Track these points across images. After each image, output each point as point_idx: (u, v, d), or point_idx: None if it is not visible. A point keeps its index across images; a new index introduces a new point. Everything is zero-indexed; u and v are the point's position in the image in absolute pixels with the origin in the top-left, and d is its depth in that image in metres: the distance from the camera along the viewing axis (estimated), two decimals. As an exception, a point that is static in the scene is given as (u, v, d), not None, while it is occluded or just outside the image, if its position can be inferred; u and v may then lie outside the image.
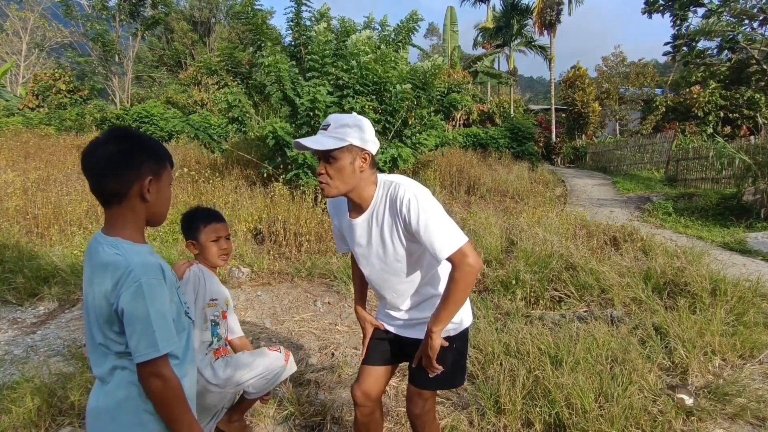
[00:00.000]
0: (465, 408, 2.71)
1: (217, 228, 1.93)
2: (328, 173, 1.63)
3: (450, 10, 25.60)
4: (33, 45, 24.06)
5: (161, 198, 1.31)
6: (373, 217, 1.72)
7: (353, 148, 1.62)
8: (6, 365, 3.29)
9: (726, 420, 2.62)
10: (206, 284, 1.89)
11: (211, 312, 1.90)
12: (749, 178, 9.15)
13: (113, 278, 1.18)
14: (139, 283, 1.17)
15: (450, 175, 10.90)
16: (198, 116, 8.64)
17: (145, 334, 1.17)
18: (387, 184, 1.70)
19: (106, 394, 1.24)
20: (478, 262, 1.57)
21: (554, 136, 22.40)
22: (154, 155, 1.29)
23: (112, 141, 1.25)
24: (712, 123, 19.78)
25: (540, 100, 43.03)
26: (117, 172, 1.23)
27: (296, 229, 5.90)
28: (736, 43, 16.93)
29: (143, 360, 1.17)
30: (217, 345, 1.97)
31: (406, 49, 8.90)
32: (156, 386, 1.19)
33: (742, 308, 3.76)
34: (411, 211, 1.59)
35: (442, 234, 1.56)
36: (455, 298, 1.58)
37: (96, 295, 1.20)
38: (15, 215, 6.37)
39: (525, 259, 4.74)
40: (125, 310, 1.16)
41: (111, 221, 1.27)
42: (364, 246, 1.78)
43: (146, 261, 1.22)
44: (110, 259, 1.20)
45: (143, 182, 1.25)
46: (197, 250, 1.92)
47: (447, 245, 1.55)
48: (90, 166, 1.24)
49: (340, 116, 1.67)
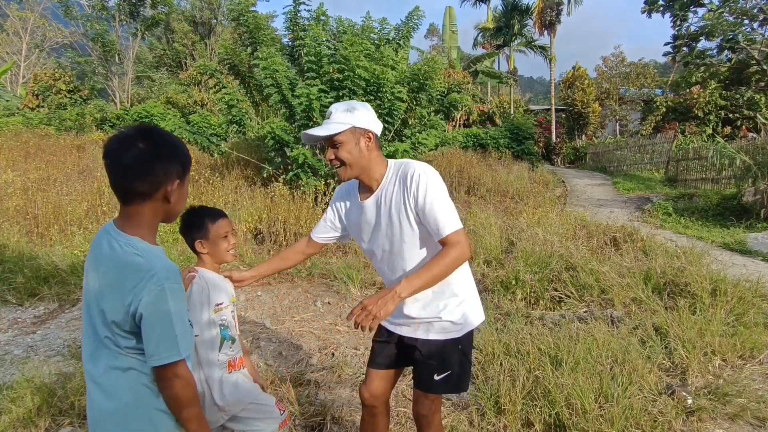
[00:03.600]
0: (465, 408, 2.71)
1: (225, 223, 1.93)
2: (338, 157, 1.71)
3: (449, 11, 25.63)
4: (33, 45, 24.06)
5: (181, 200, 1.31)
6: (382, 197, 1.76)
7: (356, 129, 1.70)
8: (6, 365, 3.29)
9: (726, 420, 2.62)
10: (209, 292, 1.85)
11: (218, 317, 1.86)
12: (749, 179, 9.15)
13: (133, 280, 1.16)
14: (162, 287, 1.16)
15: (450, 175, 10.89)
16: (198, 116, 8.61)
17: (166, 337, 1.16)
18: (398, 164, 1.77)
19: (107, 396, 1.21)
20: (469, 251, 1.66)
21: (554, 137, 22.40)
22: (183, 157, 1.28)
23: (142, 139, 1.20)
24: (712, 123, 19.79)
25: (540, 101, 43.01)
26: (147, 172, 1.20)
27: (296, 230, 5.90)
28: (736, 44, 16.93)
29: (164, 363, 1.16)
30: (230, 352, 1.89)
31: (407, 47, 8.88)
32: (178, 387, 1.19)
33: (742, 309, 3.76)
34: (420, 186, 1.66)
35: (447, 214, 1.64)
36: (435, 273, 1.62)
37: (106, 293, 1.18)
38: (15, 215, 6.37)
39: (525, 260, 4.73)
40: (146, 313, 1.15)
41: (129, 218, 1.24)
42: (372, 226, 1.81)
43: (167, 265, 1.21)
44: (130, 259, 1.18)
45: (171, 185, 1.23)
46: (206, 249, 1.90)
47: (449, 224, 1.63)
48: (117, 162, 1.19)
49: (340, 103, 1.76)
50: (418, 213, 1.68)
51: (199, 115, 8.94)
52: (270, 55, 7.09)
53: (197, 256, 1.94)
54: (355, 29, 8.23)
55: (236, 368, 1.91)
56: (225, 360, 1.87)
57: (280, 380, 2.90)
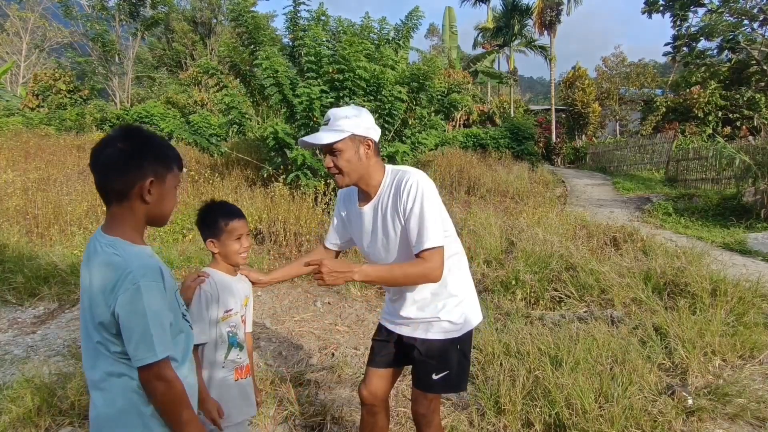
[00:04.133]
0: (465, 408, 2.71)
1: (239, 226, 1.82)
2: (336, 165, 1.69)
3: (448, 11, 25.65)
4: (33, 45, 24.06)
5: (164, 200, 1.28)
6: (379, 204, 1.75)
7: (355, 137, 1.67)
8: (6, 365, 3.29)
9: (726, 420, 2.62)
10: (219, 298, 1.78)
11: (226, 324, 1.79)
12: (749, 179, 9.15)
13: (112, 280, 1.15)
14: (137, 285, 1.14)
15: (450, 175, 10.89)
16: (198, 116, 8.61)
17: (143, 338, 1.14)
18: (395, 172, 1.75)
19: (106, 402, 1.21)
20: (438, 274, 1.63)
21: (554, 137, 22.39)
22: (160, 156, 1.27)
23: (120, 139, 1.23)
24: (712, 123, 19.78)
25: (540, 101, 43.02)
26: (120, 170, 1.21)
27: (296, 230, 5.90)
28: (736, 44, 16.93)
29: (143, 364, 1.15)
30: (238, 359, 1.82)
31: (407, 46, 8.88)
32: (160, 389, 1.17)
33: (742, 309, 3.76)
34: (410, 195, 1.64)
35: (429, 228, 1.61)
36: (395, 274, 1.63)
37: (94, 296, 1.18)
38: (15, 215, 6.37)
39: (525, 260, 4.73)
40: (123, 313, 1.14)
41: (110, 219, 1.25)
42: (369, 234, 1.80)
43: (145, 263, 1.20)
44: (108, 259, 1.18)
45: (144, 183, 1.23)
46: (217, 249, 1.82)
47: (428, 240, 1.60)
48: (96, 162, 1.23)
49: (339, 110, 1.72)
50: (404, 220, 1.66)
51: (199, 115, 8.94)
52: (271, 54, 7.09)
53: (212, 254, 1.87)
54: (354, 29, 8.23)
55: (243, 376, 1.85)
56: (232, 366, 1.81)
57: (280, 380, 2.90)
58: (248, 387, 1.89)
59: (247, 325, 1.93)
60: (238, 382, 1.83)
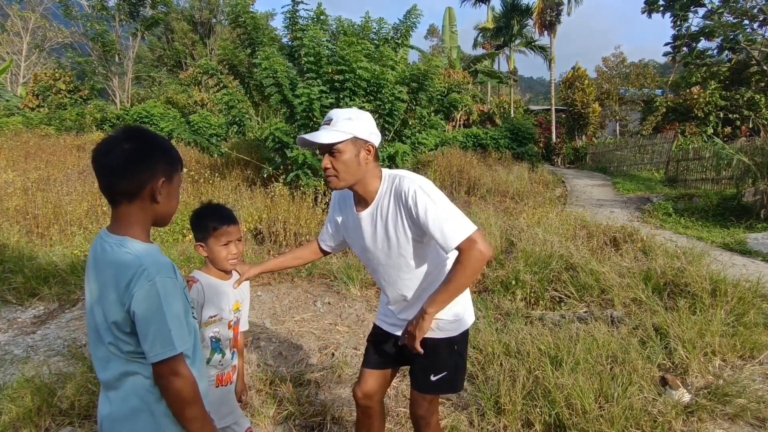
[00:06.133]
0: (465, 408, 2.71)
1: (228, 232, 1.77)
2: (333, 167, 1.65)
3: (448, 11, 25.68)
4: (33, 45, 24.07)
5: (171, 200, 1.29)
6: (377, 211, 1.73)
7: (357, 140, 1.64)
8: (6, 365, 3.29)
9: (726, 420, 2.62)
10: (204, 303, 1.75)
11: (210, 329, 1.75)
12: (749, 179, 9.15)
13: (125, 278, 1.15)
14: (153, 281, 1.15)
15: (450, 175, 10.89)
16: (198, 116, 8.61)
17: (161, 333, 1.15)
18: (392, 177, 1.72)
19: (118, 401, 1.21)
20: (489, 250, 1.56)
21: (554, 137, 22.41)
22: (169, 156, 1.27)
23: (127, 140, 1.22)
24: (712, 124, 19.78)
25: (540, 101, 43.03)
26: (131, 171, 1.20)
27: (296, 230, 5.90)
28: (736, 44, 16.93)
29: (160, 359, 1.15)
30: (220, 366, 1.78)
31: (406, 46, 8.88)
32: (175, 384, 1.17)
33: (742, 309, 3.76)
34: (418, 203, 1.59)
35: (450, 224, 1.56)
36: (458, 282, 1.58)
37: (106, 295, 1.18)
38: (15, 215, 6.37)
39: (525, 260, 4.73)
40: (139, 309, 1.14)
41: (118, 219, 1.24)
42: (368, 240, 1.78)
43: (158, 259, 1.20)
44: (121, 258, 1.18)
45: (156, 183, 1.23)
46: (206, 252, 1.79)
47: (456, 234, 1.54)
48: (103, 164, 1.21)
49: (342, 110, 1.69)
50: (420, 226, 1.63)
51: (199, 115, 8.95)
52: (271, 55, 7.09)
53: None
54: (354, 29, 8.23)
55: (223, 383, 1.81)
56: (214, 373, 1.77)
57: (280, 380, 2.90)
58: (230, 394, 1.85)
59: (242, 324, 1.90)
60: (219, 388, 1.79)
